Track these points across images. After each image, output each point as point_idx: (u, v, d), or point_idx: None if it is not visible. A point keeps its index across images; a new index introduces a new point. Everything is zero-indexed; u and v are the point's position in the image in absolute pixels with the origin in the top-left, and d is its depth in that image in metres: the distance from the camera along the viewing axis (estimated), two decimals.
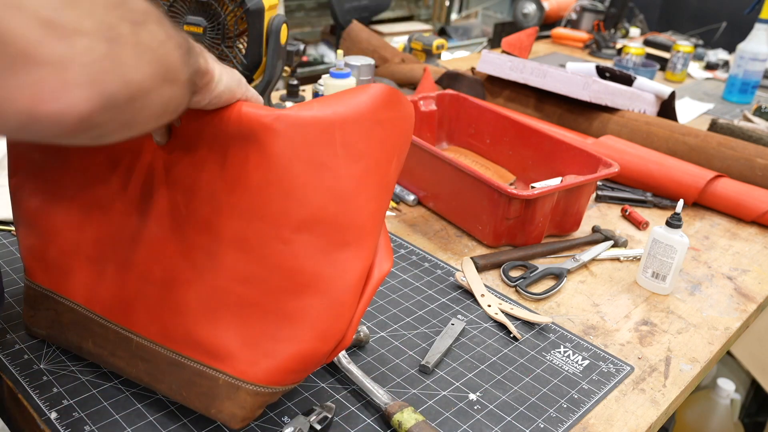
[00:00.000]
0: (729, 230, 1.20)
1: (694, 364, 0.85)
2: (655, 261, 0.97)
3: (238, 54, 1.05)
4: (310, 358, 0.62)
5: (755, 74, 1.95)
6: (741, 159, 1.27)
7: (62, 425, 0.66)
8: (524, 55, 1.71)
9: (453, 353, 0.82)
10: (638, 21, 2.74)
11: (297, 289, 0.60)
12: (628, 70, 1.82)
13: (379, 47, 1.67)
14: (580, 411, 0.74)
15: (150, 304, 0.66)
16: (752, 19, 1.97)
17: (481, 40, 4.29)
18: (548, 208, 1.03)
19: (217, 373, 0.63)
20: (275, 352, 0.61)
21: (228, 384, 0.62)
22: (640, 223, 1.17)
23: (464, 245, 1.06)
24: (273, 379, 0.62)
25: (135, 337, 0.67)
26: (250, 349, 0.62)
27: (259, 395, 0.62)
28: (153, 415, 0.68)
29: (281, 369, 0.61)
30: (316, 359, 0.62)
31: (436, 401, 0.74)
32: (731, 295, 1.01)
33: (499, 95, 1.55)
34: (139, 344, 0.67)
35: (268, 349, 0.61)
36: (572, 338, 0.86)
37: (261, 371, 0.61)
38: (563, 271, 0.99)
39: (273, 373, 0.61)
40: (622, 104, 1.45)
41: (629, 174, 1.26)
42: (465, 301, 0.92)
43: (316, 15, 4.05)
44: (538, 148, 1.18)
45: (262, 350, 0.61)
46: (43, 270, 0.72)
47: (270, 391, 0.63)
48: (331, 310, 0.61)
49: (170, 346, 0.65)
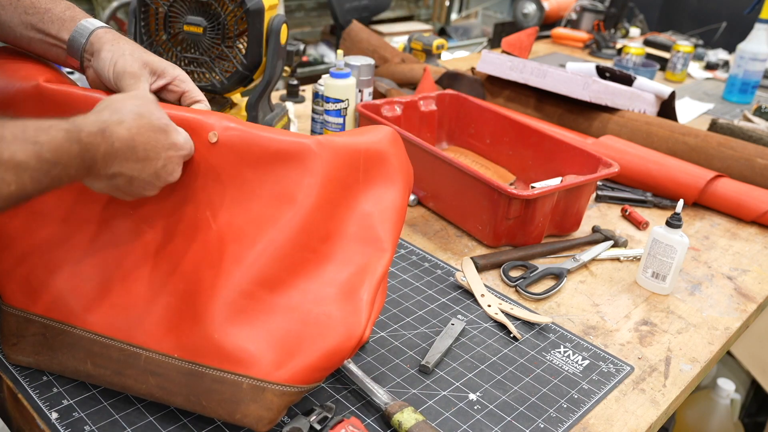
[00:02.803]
0: (729, 230, 1.20)
1: (694, 364, 0.85)
2: (655, 261, 0.97)
3: (238, 54, 1.05)
4: (336, 356, 0.64)
5: (755, 74, 1.95)
6: (741, 159, 1.27)
7: (62, 425, 0.66)
8: (524, 55, 1.71)
9: (453, 353, 0.82)
10: (638, 21, 2.74)
11: (323, 293, 0.65)
12: (628, 70, 1.82)
13: (379, 47, 1.67)
14: (580, 411, 0.74)
15: (163, 318, 0.66)
16: (752, 19, 1.97)
17: (481, 40, 4.29)
18: (548, 208, 1.03)
19: (240, 378, 0.63)
20: (302, 352, 0.63)
21: (252, 387, 0.63)
22: (640, 223, 1.17)
23: (464, 245, 1.06)
24: (299, 378, 0.63)
25: (144, 352, 0.66)
26: (276, 352, 0.63)
27: (285, 395, 0.63)
28: (153, 415, 0.68)
29: (308, 368, 0.63)
30: (342, 356, 0.64)
31: (436, 401, 0.74)
32: (731, 295, 1.01)
33: (499, 95, 1.55)
34: (149, 359, 0.66)
35: (294, 350, 0.63)
36: (572, 338, 0.86)
37: (287, 372, 0.63)
38: (563, 271, 0.99)
39: (299, 373, 0.63)
40: (622, 104, 1.45)
41: (629, 174, 1.26)
42: (465, 301, 0.92)
43: (316, 15, 4.05)
44: (538, 148, 1.18)
45: (288, 351, 0.63)
46: (26, 294, 0.69)
47: (297, 391, 0.64)
48: (355, 310, 0.65)
49: (186, 357, 0.65)
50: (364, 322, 0.65)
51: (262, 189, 0.67)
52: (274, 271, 0.65)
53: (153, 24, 1.06)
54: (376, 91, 1.41)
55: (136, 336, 0.67)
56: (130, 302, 0.67)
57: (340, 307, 0.65)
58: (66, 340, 0.69)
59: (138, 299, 0.67)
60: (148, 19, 1.05)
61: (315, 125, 1.31)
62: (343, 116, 1.23)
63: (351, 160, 0.68)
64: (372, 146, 0.70)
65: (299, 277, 0.65)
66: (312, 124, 1.32)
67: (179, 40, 1.06)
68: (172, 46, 1.06)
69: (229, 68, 1.06)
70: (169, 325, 0.66)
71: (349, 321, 0.64)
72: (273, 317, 0.64)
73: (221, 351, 0.63)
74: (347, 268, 0.66)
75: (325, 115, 1.24)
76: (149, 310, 0.67)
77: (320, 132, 1.28)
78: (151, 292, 0.67)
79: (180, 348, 0.65)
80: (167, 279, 0.67)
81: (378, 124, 1.16)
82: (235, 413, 0.64)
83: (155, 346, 0.66)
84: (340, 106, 1.22)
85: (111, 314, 0.68)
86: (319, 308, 0.64)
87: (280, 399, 0.63)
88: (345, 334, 0.64)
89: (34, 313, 0.69)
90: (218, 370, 0.64)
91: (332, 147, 0.67)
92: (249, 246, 0.65)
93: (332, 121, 1.23)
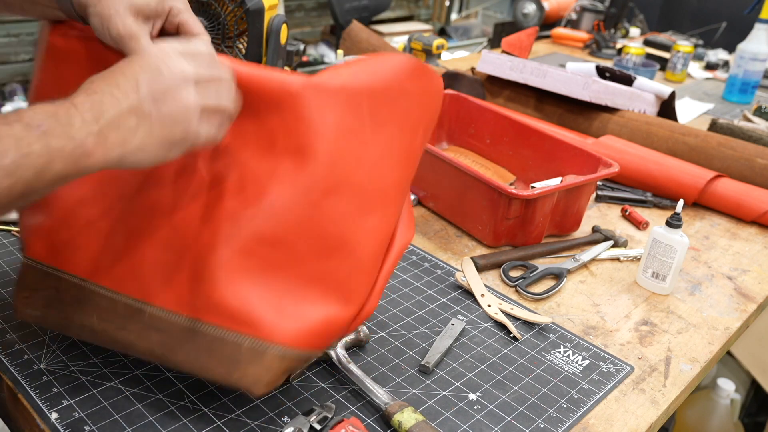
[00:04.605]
0: (729, 230, 1.20)
1: (694, 364, 0.85)
2: (655, 261, 0.97)
3: (238, 54, 1.05)
4: (335, 321, 0.62)
5: (755, 74, 1.95)
6: (741, 159, 1.27)
7: (62, 425, 0.66)
8: (524, 55, 1.71)
9: (453, 353, 0.82)
10: (638, 21, 2.74)
11: (323, 252, 0.62)
12: (628, 70, 1.82)
13: (379, 47, 1.67)
14: (580, 411, 0.75)
15: (168, 273, 0.65)
16: (752, 19, 1.97)
17: (481, 40, 4.29)
18: (548, 208, 1.03)
19: (240, 338, 0.62)
20: (301, 314, 0.61)
21: (252, 348, 0.61)
22: (640, 223, 1.17)
23: (464, 245, 1.06)
24: (299, 341, 0.61)
25: (148, 308, 0.65)
26: (276, 312, 0.61)
27: (285, 359, 0.62)
28: (153, 415, 0.68)
29: (307, 331, 0.61)
30: (341, 323, 0.62)
31: (436, 401, 0.74)
32: (731, 295, 1.01)
33: (499, 95, 1.55)
34: (153, 314, 0.65)
35: (293, 312, 0.61)
36: (572, 338, 0.86)
37: (288, 333, 0.61)
38: (563, 271, 0.99)
39: (299, 336, 0.61)
40: (622, 104, 1.45)
41: (629, 174, 1.26)
42: (465, 301, 0.92)
43: (316, 15, 4.05)
44: (538, 148, 1.18)
45: (288, 313, 0.61)
46: (46, 246, 0.70)
47: (296, 355, 0.62)
48: (356, 273, 0.62)
49: (188, 314, 0.64)
50: (367, 289, 0.62)
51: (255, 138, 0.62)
52: (273, 229, 0.62)
53: None
54: None
55: (142, 291, 0.66)
56: (138, 258, 0.66)
57: (342, 271, 0.62)
58: (77, 294, 0.68)
59: (145, 255, 0.66)
60: None
61: None
62: None
63: (350, 103, 0.62)
64: (379, 83, 0.63)
65: (302, 235, 0.62)
66: None
67: None
68: None
69: None
70: (174, 281, 0.65)
71: (351, 286, 0.62)
72: (274, 276, 0.62)
73: (223, 308, 0.62)
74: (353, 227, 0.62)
75: None
76: (155, 266, 0.65)
77: None
78: (157, 249, 0.66)
79: (183, 304, 0.64)
80: (171, 236, 0.65)
81: None
82: (233, 373, 0.62)
83: (159, 302, 0.65)
84: None
85: (121, 270, 0.67)
86: (320, 270, 0.62)
87: (280, 362, 0.62)
88: (345, 299, 0.62)
89: (52, 266, 0.69)
90: (219, 328, 0.62)
91: (325, 88, 0.61)
92: (246, 202, 0.62)
93: None
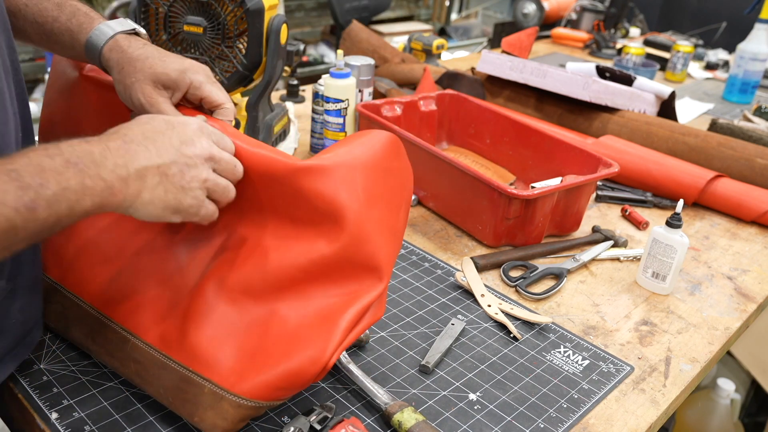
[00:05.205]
0: (729, 230, 1.20)
1: (694, 364, 0.85)
2: (655, 261, 0.97)
3: (238, 54, 1.05)
4: (298, 378, 0.63)
5: (755, 74, 1.95)
6: (741, 159, 1.27)
7: (62, 425, 0.66)
8: (524, 55, 1.71)
9: (453, 353, 0.82)
10: (638, 21, 2.74)
11: (302, 312, 0.63)
12: (628, 70, 1.82)
13: (379, 47, 1.67)
14: (580, 411, 0.74)
15: (158, 309, 0.68)
16: (752, 19, 1.97)
17: (481, 40, 4.29)
18: (548, 208, 1.03)
19: (204, 381, 0.63)
20: (266, 367, 0.62)
21: (213, 393, 0.63)
22: (640, 223, 1.17)
23: (464, 245, 1.06)
24: (258, 393, 0.62)
25: (132, 338, 0.68)
26: (242, 362, 0.63)
27: (241, 408, 0.63)
28: (153, 415, 0.68)
29: (269, 385, 0.62)
30: (303, 380, 0.63)
31: (436, 401, 0.74)
32: (731, 295, 1.01)
33: (499, 95, 1.55)
34: (135, 345, 0.68)
35: (259, 364, 0.63)
36: (572, 338, 0.86)
37: (248, 384, 0.62)
38: (563, 271, 0.99)
39: (259, 388, 0.62)
40: (622, 104, 1.45)
41: (629, 174, 1.26)
42: (465, 301, 0.92)
43: (316, 15, 4.05)
44: (538, 148, 1.18)
45: (252, 364, 0.63)
46: (56, 264, 0.75)
47: (253, 405, 0.63)
48: (329, 337, 0.63)
49: (163, 350, 0.66)
50: (332, 349, 0.62)
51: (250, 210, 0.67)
52: (261, 282, 0.64)
53: (153, 24, 1.06)
54: (376, 91, 1.41)
55: (129, 321, 0.69)
56: (136, 290, 0.69)
57: (314, 330, 0.63)
58: (77, 313, 0.73)
59: (139, 286, 0.69)
60: (149, 20, 1.05)
61: (315, 125, 1.31)
62: (343, 116, 1.23)
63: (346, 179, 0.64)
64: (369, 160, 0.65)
65: (285, 292, 0.64)
66: (312, 124, 1.32)
67: (179, 40, 1.06)
68: (173, 46, 1.06)
69: (229, 68, 1.06)
70: (159, 316, 0.67)
71: (319, 345, 0.62)
72: (247, 327, 0.64)
73: (193, 350, 0.64)
74: (336, 291, 0.64)
75: (325, 115, 1.24)
76: (149, 301, 0.69)
77: (320, 132, 1.29)
78: (151, 281, 0.69)
79: (161, 340, 0.66)
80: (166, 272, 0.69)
81: (378, 124, 1.16)
82: (194, 415, 0.64)
83: (141, 334, 0.68)
84: (340, 106, 1.22)
85: (117, 298, 0.70)
86: (294, 327, 0.63)
87: (236, 411, 0.63)
88: (312, 357, 0.62)
89: (57, 281, 0.74)
90: (187, 369, 0.64)
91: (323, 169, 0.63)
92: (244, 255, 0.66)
93: (332, 121, 1.23)
